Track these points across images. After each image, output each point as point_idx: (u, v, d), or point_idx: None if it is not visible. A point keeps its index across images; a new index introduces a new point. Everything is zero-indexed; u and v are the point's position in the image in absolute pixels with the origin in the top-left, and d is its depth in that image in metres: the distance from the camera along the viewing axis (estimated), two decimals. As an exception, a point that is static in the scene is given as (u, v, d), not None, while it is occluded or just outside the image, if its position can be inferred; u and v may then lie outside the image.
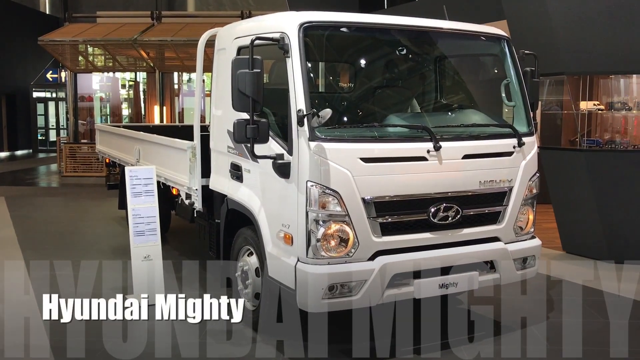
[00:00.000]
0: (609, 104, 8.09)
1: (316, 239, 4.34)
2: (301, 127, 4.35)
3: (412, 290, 4.63)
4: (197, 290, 6.45)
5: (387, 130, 4.78)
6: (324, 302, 4.37)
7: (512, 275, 5.13)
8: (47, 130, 27.27)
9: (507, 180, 5.02)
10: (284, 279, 4.59)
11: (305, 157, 4.35)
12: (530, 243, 5.27)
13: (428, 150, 4.60)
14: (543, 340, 5.18)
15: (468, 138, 4.91)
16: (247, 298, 5.34)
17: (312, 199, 4.33)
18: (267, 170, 4.74)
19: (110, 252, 8.16)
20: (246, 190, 5.18)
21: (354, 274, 4.40)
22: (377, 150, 4.50)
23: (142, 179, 6.03)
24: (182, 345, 5.01)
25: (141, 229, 5.98)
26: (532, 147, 5.24)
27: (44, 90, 27.04)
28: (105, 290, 6.42)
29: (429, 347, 4.96)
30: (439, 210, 4.69)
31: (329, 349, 4.93)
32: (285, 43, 4.45)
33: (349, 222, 4.39)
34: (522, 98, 5.32)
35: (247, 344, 5.03)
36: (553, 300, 6.28)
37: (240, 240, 5.42)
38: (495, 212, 5.02)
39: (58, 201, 12.97)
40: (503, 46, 5.38)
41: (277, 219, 4.72)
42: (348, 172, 4.36)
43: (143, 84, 21.05)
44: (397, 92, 6.03)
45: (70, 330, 5.25)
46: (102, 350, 4.88)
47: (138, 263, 5.96)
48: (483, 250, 4.93)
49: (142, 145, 7.91)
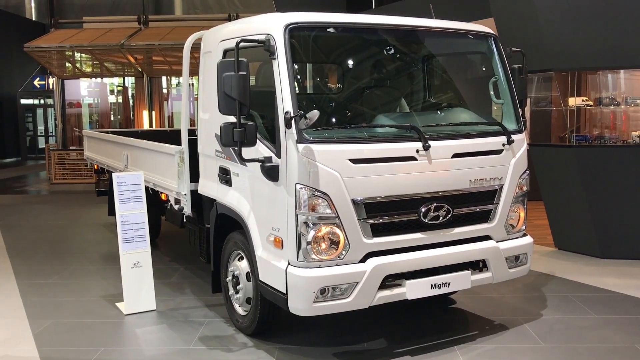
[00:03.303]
0: (597, 100, 8.09)
1: (306, 242, 4.30)
2: (289, 130, 4.31)
3: (404, 291, 4.59)
4: (188, 297, 6.41)
5: (375, 130, 4.74)
6: (315, 306, 4.33)
7: (504, 274, 5.10)
8: (36, 137, 27.13)
9: (497, 178, 5.00)
10: (274, 283, 4.54)
11: (293, 159, 4.30)
12: (522, 241, 5.25)
13: (417, 149, 4.57)
14: (535, 337, 5.15)
15: (457, 137, 4.88)
16: (238, 303, 5.28)
17: (301, 202, 4.29)
18: (255, 173, 4.69)
19: (100, 259, 8.08)
20: (235, 194, 5.13)
21: (345, 276, 4.36)
22: (366, 151, 4.46)
23: (129, 185, 5.96)
24: (173, 352, 4.95)
25: (130, 236, 5.92)
26: (522, 145, 5.23)
27: (31, 97, 26.88)
28: (94, 298, 6.37)
29: (423, 348, 4.92)
30: (430, 210, 4.66)
31: (322, 352, 4.89)
32: (271, 45, 4.40)
33: (340, 224, 4.35)
34: (511, 95, 5.31)
35: (239, 349, 4.98)
36: (545, 297, 6.27)
37: (231, 244, 5.37)
38: (486, 211, 5.00)
39: (47, 209, 12.84)
40: (490, 44, 5.37)
41: (267, 223, 4.67)
42: (337, 173, 4.32)
43: (132, 89, 20.95)
44: (386, 92, 6.00)
45: (58, 337, 5.22)
46: (95, 356, 4.81)
47: (127, 270, 5.89)
48: (474, 249, 4.90)
49: (130, 150, 7.84)
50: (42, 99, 26.72)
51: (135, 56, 17.03)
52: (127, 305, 5.88)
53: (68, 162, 17.02)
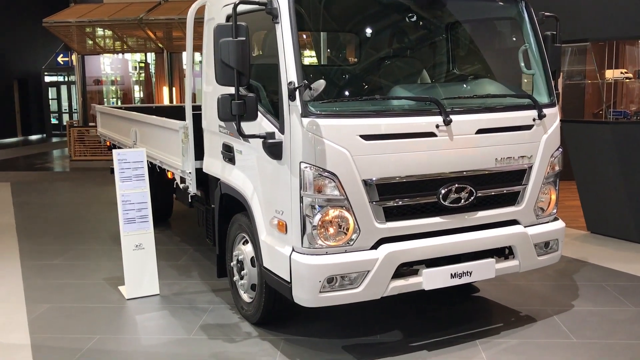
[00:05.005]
0: (637, 72, 7.49)
1: (312, 226, 3.90)
2: (292, 102, 3.88)
3: (420, 280, 4.17)
4: (194, 280, 6.09)
5: (390, 103, 4.29)
6: (322, 296, 3.94)
7: (532, 262, 4.65)
8: (60, 114, 27.17)
9: (527, 156, 4.52)
10: (278, 270, 4.16)
11: (297, 135, 3.88)
12: (553, 225, 4.77)
13: (437, 124, 4.11)
14: (566, 331, 4.70)
15: (482, 110, 4.39)
16: (243, 289, 4.93)
17: (306, 182, 3.87)
18: (258, 151, 4.29)
19: (110, 239, 7.81)
20: (239, 173, 4.74)
21: (355, 264, 3.95)
22: (379, 126, 4.01)
23: (131, 162, 5.62)
24: (171, 341, 4.62)
25: (131, 216, 5.59)
26: (554, 120, 4.73)
27: (55, 75, 26.89)
28: (97, 281, 6.09)
29: (441, 342, 4.52)
30: (450, 192, 4.21)
31: (331, 344, 4.52)
32: (273, 7, 3.96)
33: (349, 207, 3.94)
34: (543, 65, 4.80)
35: (242, 340, 4.63)
36: (577, 285, 5.79)
37: (235, 227, 5.00)
38: (513, 193, 4.53)
39: (64, 186, 12.68)
40: (521, 8, 4.84)
41: (271, 205, 4.28)
42: (346, 151, 3.89)
43: (153, 65, 20.67)
44: (406, 63, 5.54)
45: (54, 323, 4.95)
46: (89, 345, 4.51)
47: (129, 252, 5.58)
48: (500, 235, 4.44)
49: (138, 126, 7.51)
50: (65, 76, 26.66)
51: (155, 31, 16.70)
52: (128, 289, 5.58)
53: (88, 139, 16.90)
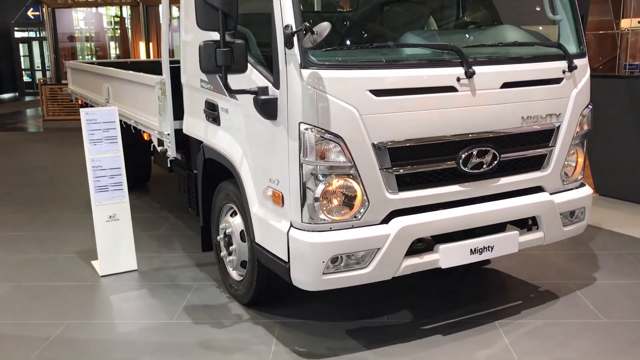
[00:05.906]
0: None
1: (313, 198, 3.32)
2: (289, 50, 3.25)
3: (437, 258, 3.64)
4: (177, 253, 5.52)
5: (404, 52, 3.66)
6: (325, 279, 3.39)
7: (558, 233, 4.13)
8: (33, 72, 26.00)
9: (556, 114, 3.95)
10: (273, 248, 3.59)
11: (296, 90, 3.26)
12: (580, 192, 4.25)
13: (458, 77, 3.50)
14: (594, 310, 4.22)
15: (508, 61, 3.79)
16: (232, 266, 4.36)
17: (307, 147, 3.27)
18: (248, 109, 3.66)
19: (84, 205, 7.13)
20: (225, 136, 4.12)
21: (363, 241, 3.40)
22: (392, 79, 3.40)
23: (101, 123, 4.95)
24: (150, 328, 4.06)
25: (103, 184, 4.96)
26: (585, 72, 4.16)
27: (26, 30, 25.60)
28: (69, 255, 5.49)
29: (456, 324, 4.02)
30: (471, 156, 3.64)
31: (333, 328, 4.00)
32: None
33: (356, 176, 3.35)
34: (572, 9, 4.18)
35: (232, 324, 4.08)
36: (595, 255, 5.32)
37: (222, 196, 4.40)
38: (539, 156, 3.98)
39: (36, 147, 11.93)
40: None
41: (264, 173, 3.68)
42: (354, 109, 3.28)
43: (129, 20, 19.63)
44: (409, 8, 4.91)
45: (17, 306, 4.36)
46: (56, 333, 3.94)
47: (102, 224, 4.97)
48: (525, 204, 3.90)
49: (111, 83, 6.80)
50: (37, 32, 25.42)
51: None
52: (102, 265, 4.99)
53: (61, 97, 15.98)
